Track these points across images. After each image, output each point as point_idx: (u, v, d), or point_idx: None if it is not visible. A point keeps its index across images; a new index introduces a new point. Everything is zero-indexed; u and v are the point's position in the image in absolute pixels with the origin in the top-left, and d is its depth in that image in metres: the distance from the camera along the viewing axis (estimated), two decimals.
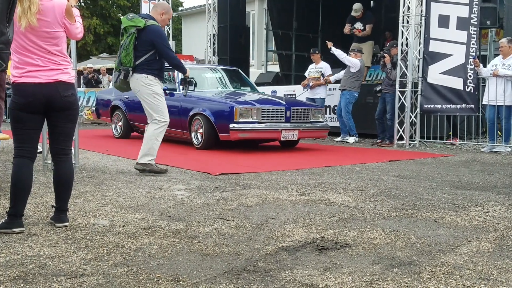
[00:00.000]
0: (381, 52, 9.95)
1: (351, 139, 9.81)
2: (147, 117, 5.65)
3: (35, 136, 3.22)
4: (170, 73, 8.83)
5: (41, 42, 3.15)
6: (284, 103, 8.06)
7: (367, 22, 11.43)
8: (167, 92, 8.66)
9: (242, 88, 9.61)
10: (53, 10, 3.18)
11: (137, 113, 9.28)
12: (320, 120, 8.53)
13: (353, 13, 11.47)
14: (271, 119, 7.86)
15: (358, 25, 11.48)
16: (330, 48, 9.89)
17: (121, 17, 5.39)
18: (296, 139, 8.16)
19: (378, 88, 9.59)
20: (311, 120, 8.32)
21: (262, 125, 7.75)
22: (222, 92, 8.99)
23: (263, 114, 7.77)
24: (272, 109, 7.88)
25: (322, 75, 10.30)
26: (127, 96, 9.62)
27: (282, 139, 7.92)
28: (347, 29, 11.60)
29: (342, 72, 10.18)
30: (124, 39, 5.50)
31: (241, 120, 7.62)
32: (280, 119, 7.92)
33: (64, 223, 3.26)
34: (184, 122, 8.26)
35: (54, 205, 3.32)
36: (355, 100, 9.80)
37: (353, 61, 9.77)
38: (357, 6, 11.38)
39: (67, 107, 3.23)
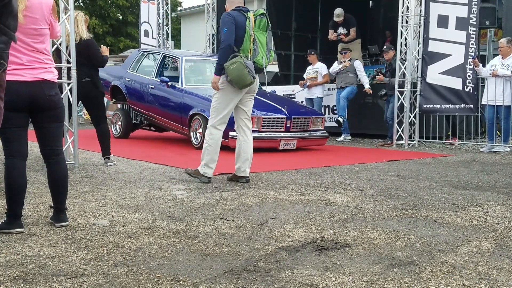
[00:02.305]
0: (376, 71, 10.11)
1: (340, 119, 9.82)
2: (243, 116, 5.11)
3: (22, 134, 3.16)
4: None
5: (27, 39, 3.10)
6: (286, 112, 7.89)
7: (350, 26, 11.48)
8: (169, 85, 8.54)
9: None
10: (41, 7, 3.16)
11: (138, 99, 9.22)
12: (320, 128, 8.42)
13: (335, 18, 11.47)
14: (271, 128, 7.77)
15: (341, 30, 11.52)
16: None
17: (262, 11, 5.21)
18: (294, 148, 8.02)
19: (383, 92, 9.58)
20: (311, 129, 8.23)
21: (262, 134, 7.65)
22: None
23: (263, 123, 7.67)
24: (273, 118, 7.78)
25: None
26: (128, 79, 9.53)
27: (280, 148, 7.83)
28: (333, 35, 11.62)
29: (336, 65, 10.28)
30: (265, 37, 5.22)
31: None
32: (280, 128, 7.84)
33: (64, 222, 3.25)
34: (184, 119, 8.20)
35: (52, 205, 3.31)
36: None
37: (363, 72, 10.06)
38: (338, 11, 11.36)
39: (53, 107, 3.19)
